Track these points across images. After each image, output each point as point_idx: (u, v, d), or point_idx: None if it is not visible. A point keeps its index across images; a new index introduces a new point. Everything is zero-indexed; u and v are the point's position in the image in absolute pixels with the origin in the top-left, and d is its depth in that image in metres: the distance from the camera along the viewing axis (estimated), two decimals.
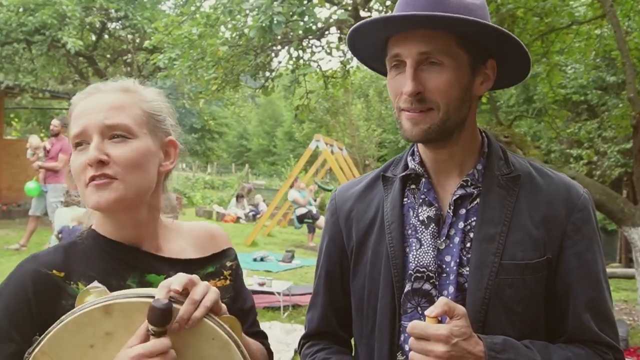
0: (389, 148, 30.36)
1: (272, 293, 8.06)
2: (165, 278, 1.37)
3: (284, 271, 10.77)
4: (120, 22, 14.34)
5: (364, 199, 1.60)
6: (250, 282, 8.06)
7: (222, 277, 1.52)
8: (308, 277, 10.17)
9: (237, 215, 19.18)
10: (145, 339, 1.16)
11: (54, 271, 1.30)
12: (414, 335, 1.26)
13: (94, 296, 1.20)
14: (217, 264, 1.53)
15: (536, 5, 6.78)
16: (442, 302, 1.27)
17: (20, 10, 12.92)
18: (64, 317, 1.18)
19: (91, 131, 1.33)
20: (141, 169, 1.36)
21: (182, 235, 1.53)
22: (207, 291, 1.22)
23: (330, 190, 20.30)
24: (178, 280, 1.21)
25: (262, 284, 7.96)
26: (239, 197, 20.41)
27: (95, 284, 1.23)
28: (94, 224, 1.45)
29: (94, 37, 14.97)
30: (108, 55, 15.63)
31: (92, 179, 1.31)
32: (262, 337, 1.61)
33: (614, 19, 5.79)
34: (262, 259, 11.59)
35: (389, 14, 1.39)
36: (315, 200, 16.53)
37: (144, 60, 12.88)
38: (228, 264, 1.56)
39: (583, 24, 7.35)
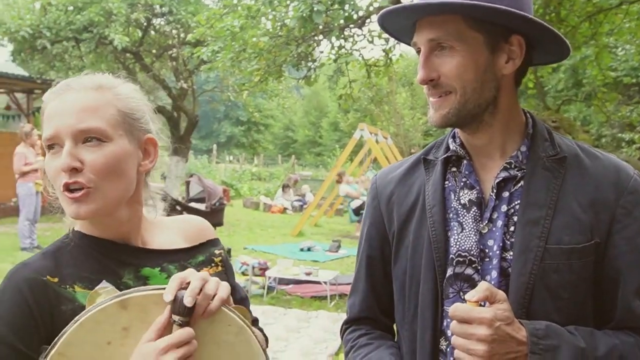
0: (435, 136, 30.03)
1: (318, 282, 8.09)
2: (159, 270, 1.37)
3: (330, 261, 10.79)
4: (164, 17, 14.55)
5: (405, 182, 1.58)
6: (297, 271, 8.11)
7: (213, 265, 1.51)
8: (354, 267, 10.16)
9: (284, 205, 19.31)
10: (164, 331, 1.16)
11: (48, 277, 1.25)
12: (455, 318, 1.24)
13: (103, 296, 1.19)
14: (207, 253, 1.51)
15: None
16: (483, 287, 1.24)
17: (69, 9, 13.26)
18: (78, 316, 1.16)
19: (63, 135, 1.26)
20: (117, 174, 1.30)
21: (168, 228, 1.51)
22: (218, 286, 1.21)
23: None
24: (196, 276, 1.20)
25: (308, 274, 8.01)
26: (285, 187, 20.55)
27: (104, 283, 1.22)
28: (77, 225, 1.40)
29: (139, 33, 15.23)
30: (154, 51, 15.87)
31: (67, 187, 1.25)
32: (257, 324, 1.59)
33: None
34: (308, 249, 11.65)
35: (400, 4, 1.38)
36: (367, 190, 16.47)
37: (189, 54, 13.02)
38: (217, 252, 1.54)
39: (633, 3, 7.09)
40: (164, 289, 1.18)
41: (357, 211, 14.87)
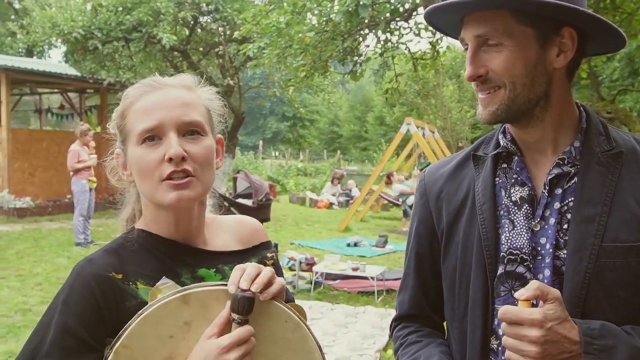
0: (483, 129, 29.58)
1: (365, 278, 8.08)
2: (214, 272, 1.40)
3: (377, 256, 10.78)
4: (211, 15, 14.71)
5: (455, 179, 1.56)
6: (344, 267, 8.11)
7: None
8: (401, 262, 10.02)
9: (330, 201, 19.34)
10: (225, 327, 1.18)
11: (113, 273, 1.30)
12: (505, 321, 1.22)
13: (164, 292, 1.22)
14: (259, 256, 1.54)
15: None
16: (534, 286, 1.21)
17: (119, 9, 13.55)
18: (141, 311, 1.20)
19: (167, 127, 1.32)
20: (211, 167, 1.38)
21: (224, 229, 1.54)
22: (274, 277, 1.24)
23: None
24: (251, 267, 1.23)
25: (355, 269, 8.00)
26: (334, 179, 20.62)
27: (164, 280, 1.25)
28: (138, 223, 1.45)
29: (186, 32, 15.45)
30: (201, 49, 16.08)
31: (170, 175, 1.30)
32: None
33: None
34: (355, 244, 11.65)
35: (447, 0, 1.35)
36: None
37: (235, 51, 13.15)
38: (269, 255, 1.57)
39: None
40: (225, 284, 1.21)
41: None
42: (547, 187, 1.39)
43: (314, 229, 14.46)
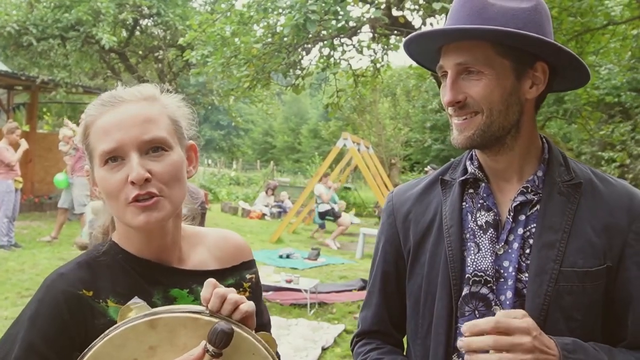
0: (415, 147, 30.22)
1: (299, 290, 8.09)
2: (187, 292, 1.38)
3: (309, 269, 10.78)
4: (152, 18, 14.50)
5: (422, 201, 1.61)
6: (278, 278, 8.09)
7: (241, 289, 1.49)
8: (333, 275, 10.18)
9: (263, 211, 19.26)
10: (201, 358, 1.16)
11: (84, 290, 1.27)
12: (500, 329, 1.24)
13: (135, 312, 1.21)
14: (237, 276, 1.51)
15: (571, 5, 6.70)
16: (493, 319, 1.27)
17: (57, 6, 13.14)
18: (107, 331, 1.18)
19: (128, 147, 1.26)
20: (179, 182, 1.32)
21: (204, 244, 1.51)
22: (243, 300, 1.23)
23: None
24: (232, 295, 1.22)
25: (289, 281, 7.99)
26: (268, 190, 20.54)
27: (136, 299, 1.23)
28: (113, 235, 1.41)
29: (125, 34, 15.14)
30: (140, 52, 15.81)
31: (136, 198, 1.25)
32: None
33: None
34: (287, 256, 11.62)
35: (432, 28, 1.42)
36: (337, 201, 16.41)
37: (174, 56, 12.99)
38: (248, 276, 1.53)
39: (620, 24, 7.24)
40: (195, 312, 1.20)
41: (323, 215, 14.91)
42: (511, 214, 1.46)
43: (246, 239, 14.16)
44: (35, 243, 10.54)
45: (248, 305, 1.22)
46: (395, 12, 7.32)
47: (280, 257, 11.58)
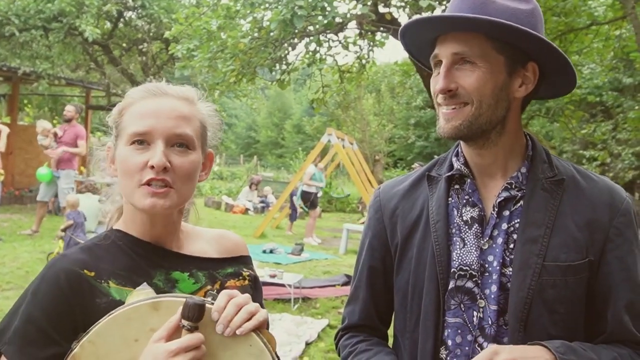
0: (399, 144, 30.33)
1: (282, 285, 8.10)
2: (188, 275, 1.43)
3: (293, 264, 10.79)
4: (136, 11, 14.38)
5: (409, 197, 1.64)
6: (262, 273, 8.10)
7: (241, 278, 1.55)
8: (317, 271, 10.21)
9: (246, 206, 19.23)
10: (175, 333, 1.20)
11: (85, 270, 1.32)
12: None
13: (142, 296, 1.26)
14: (236, 267, 1.56)
15: (555, 5, 6.78)
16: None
17: None
18: (113, 310, 1.23)
19: (157, 135, 1.35)
20: (192, 181, 1.40)
21: (204, 239, 1.57)
22: (259, 310, 1.25)
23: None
24: (241, 296, 1.25)
25: (273, 276, 8.01)
26: (252, 184, 20.49)
27: (144, 285, 1.30)
28: (115, 224, 1.48)
29: (109, 26, 15.01)
30: (123, 44, 15.67)
31: (149, 182, 1.33)
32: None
33: (636, 21, 5.79)
34: (271, 251, 11.63)
35: (432, 14, 1.44)
36: (323, 179, 16.07)
37: (158, 49, 12.91)
38: (245, 268, 1.59)
39: (603, 24, 7.33)
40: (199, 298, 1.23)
41: (305, 197, 14.55)
42: (496, 209, 1.50)
43: None
44: (16, 236, 10.44)
45: (262, 315, 1.25)
46: (382, 9, 7.35)
47: (264, 252, 11.57)
